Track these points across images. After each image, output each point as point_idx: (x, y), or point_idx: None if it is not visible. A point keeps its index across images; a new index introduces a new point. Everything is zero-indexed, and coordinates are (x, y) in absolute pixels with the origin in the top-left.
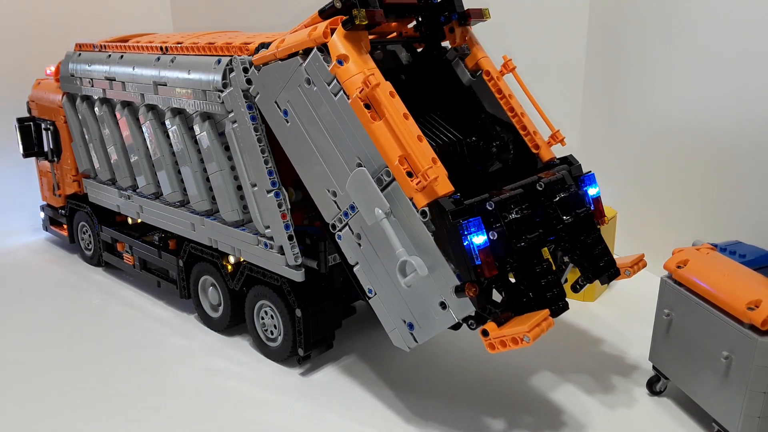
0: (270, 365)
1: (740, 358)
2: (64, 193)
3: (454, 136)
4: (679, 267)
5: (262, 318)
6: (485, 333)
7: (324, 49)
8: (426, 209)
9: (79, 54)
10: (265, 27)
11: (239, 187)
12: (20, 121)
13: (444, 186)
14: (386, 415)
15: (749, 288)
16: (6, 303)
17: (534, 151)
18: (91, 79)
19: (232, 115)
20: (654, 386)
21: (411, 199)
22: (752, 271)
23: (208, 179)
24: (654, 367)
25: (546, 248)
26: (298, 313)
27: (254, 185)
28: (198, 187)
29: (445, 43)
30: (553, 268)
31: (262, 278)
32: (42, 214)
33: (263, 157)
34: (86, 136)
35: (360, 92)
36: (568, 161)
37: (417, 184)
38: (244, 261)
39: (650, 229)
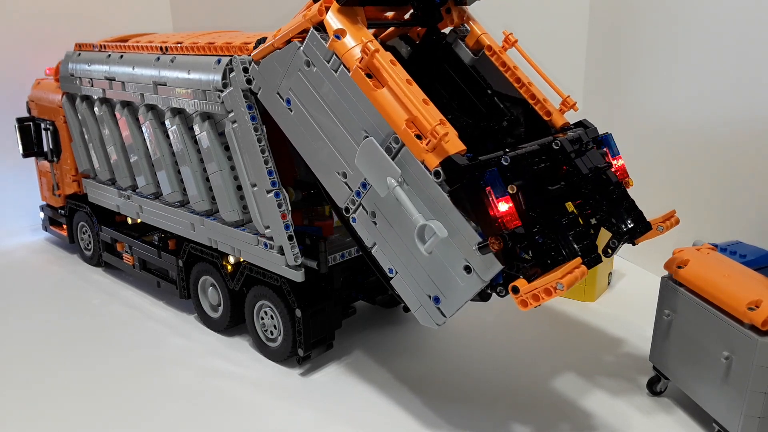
0: (270, 365)
1: (740, 359)
2: (63, 193)
3: (465, 121)
4: (679, 267)
5: (262, 318)
6: (515, 290)
7: (321, 27)
8: (439, 169)
9: (79, 54)
10: (265, 27)
11: (239, 187)
12: (20, 121)
13: (455, 144)
14: (387, 415)
15: (749, 288)
16: (5, 303)
17: (546, 118)
18: (91, 79)
19: (232, 115)
20: (654, 386)
21: (423, 162)
22: (753, 272)
23: (207, 179)
24: (654, 368)
25: (570, 203)
26: (298, 313)
27: (254, 185)
28: (198, 187)
29: (445, 31)
30: (581, 222)
31: (262, 278)
32: (42, 214)
33: (263, 157)
34: (86, 136)
35: (360, 62)
36: (583, 124)
37: (427, 144)
38: (243, 261)
39: None
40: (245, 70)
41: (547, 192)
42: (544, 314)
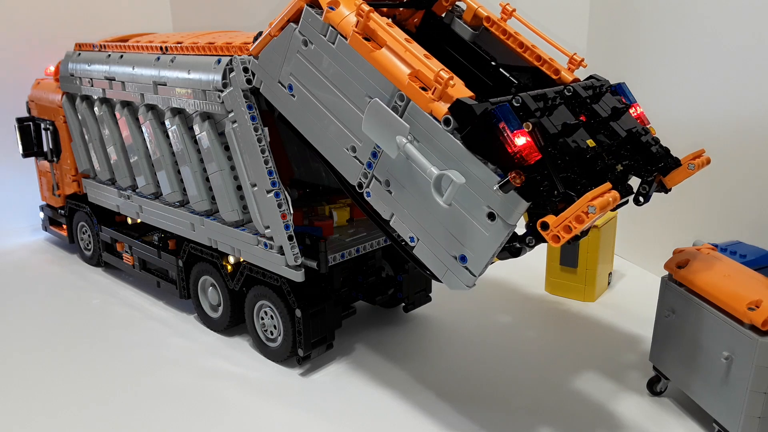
0: (270, 365)
1: (741, 359)
2: (63, 193)
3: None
4: (679, 267)
5: (262, 318)
6: (545, 226)
7: (314, 4)
8: (449, 116)
9: (79, 54)
10: (265, 26)
11: (239, 187)
12: (20, 121)
13: (462, 90)
14: (387, 415)
15: (750, 288)
16: (5, 303)
17: (554, 77)
18: (91, 79)
19: (232, 115)
20: (654, 386)
21: (431, 114)
22: (753, 272)
23: (207, 179)
24: (654, 368)
25: (591, 140)
26: (298, 313)
27: (254, 185)
28: (198, 187)
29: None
30: (605, 157)
31: (262, 278)
32: (41, 214)
33: (263, 157)
34: (86, 136)
35: (356, 26)
36: (594, 78)
37: (433, 92)
38: (243, 261)
39: (650, 229)
40: (245, 69)
41: (566, 128)
42: (544, 314)
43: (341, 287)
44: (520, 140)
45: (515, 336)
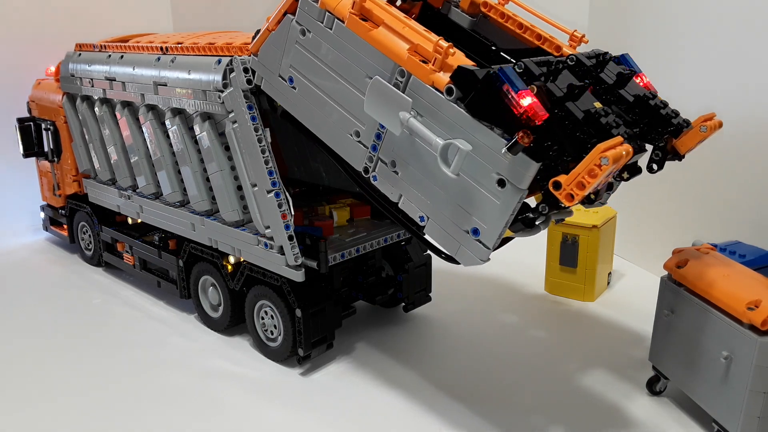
0: (270, 365)
1: (740, 359)
2: (64, 193)
3: None
4: (678, 267)
5: (262, 318)
6: (557, 185)
7: None
8: (451, 85)
9: (80, 54)
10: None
11: (239, 187)
12: (20, 121)
13: (463, 60)
14: (387, 414)
15: (749, 288)
16: (6, 303)
17: (556, 54)
18: (91, 79)
19: (232, 115)
20: (654, 386)
21: (432, 86)
22: (752, 272)
23: (208, 179)
24: (654, 367)
25: (599, 102)
26: (298, 313)
27: (254, 185)
28: (198, 187)
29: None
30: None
31: (262, 278)
32: (42, 214)
33: (263, 157)
34: (86, 136)
35: (353, 7)
36: (597, 50)
37: (434, 63)
38: (244, 261)
39: (650, 229)
40: (246, 70)
41: (571, 90)
42: (544, 314)
43: (341, 287)
44: (526, 101)
45: (515, 336)
